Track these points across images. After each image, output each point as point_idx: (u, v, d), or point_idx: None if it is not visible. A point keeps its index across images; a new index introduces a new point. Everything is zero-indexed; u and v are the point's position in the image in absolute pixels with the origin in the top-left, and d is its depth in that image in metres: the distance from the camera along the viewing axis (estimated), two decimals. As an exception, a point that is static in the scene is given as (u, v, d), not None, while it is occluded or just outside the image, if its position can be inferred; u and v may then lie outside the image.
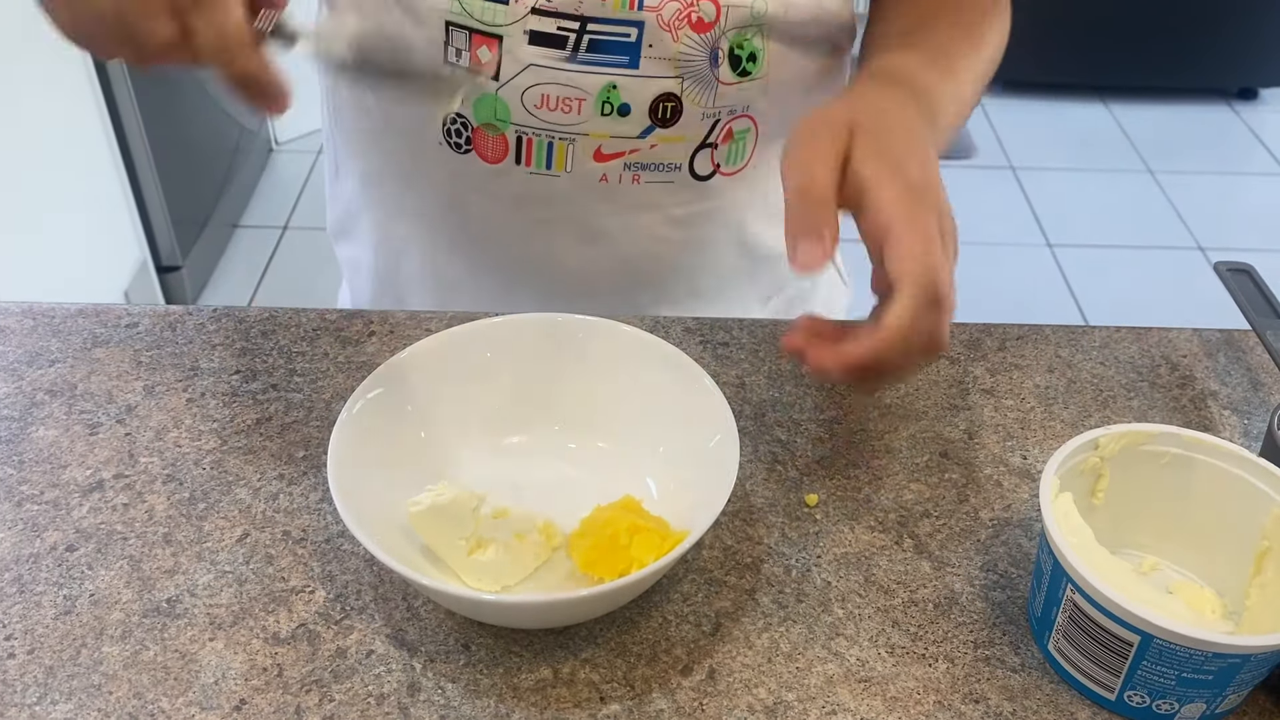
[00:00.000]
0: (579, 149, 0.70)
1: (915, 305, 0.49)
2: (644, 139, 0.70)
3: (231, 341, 0.69)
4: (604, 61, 0.67)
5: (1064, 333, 0.72)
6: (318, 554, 0.57)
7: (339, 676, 0.51)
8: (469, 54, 0.67)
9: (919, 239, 0.50)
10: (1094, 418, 0.66)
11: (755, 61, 0.69)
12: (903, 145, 0.54)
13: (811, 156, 0.53)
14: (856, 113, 0.55)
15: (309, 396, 0.66)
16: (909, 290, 0.49)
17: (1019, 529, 0.59)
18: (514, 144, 0.70)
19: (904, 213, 0.51)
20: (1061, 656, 0.51)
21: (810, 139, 0.54)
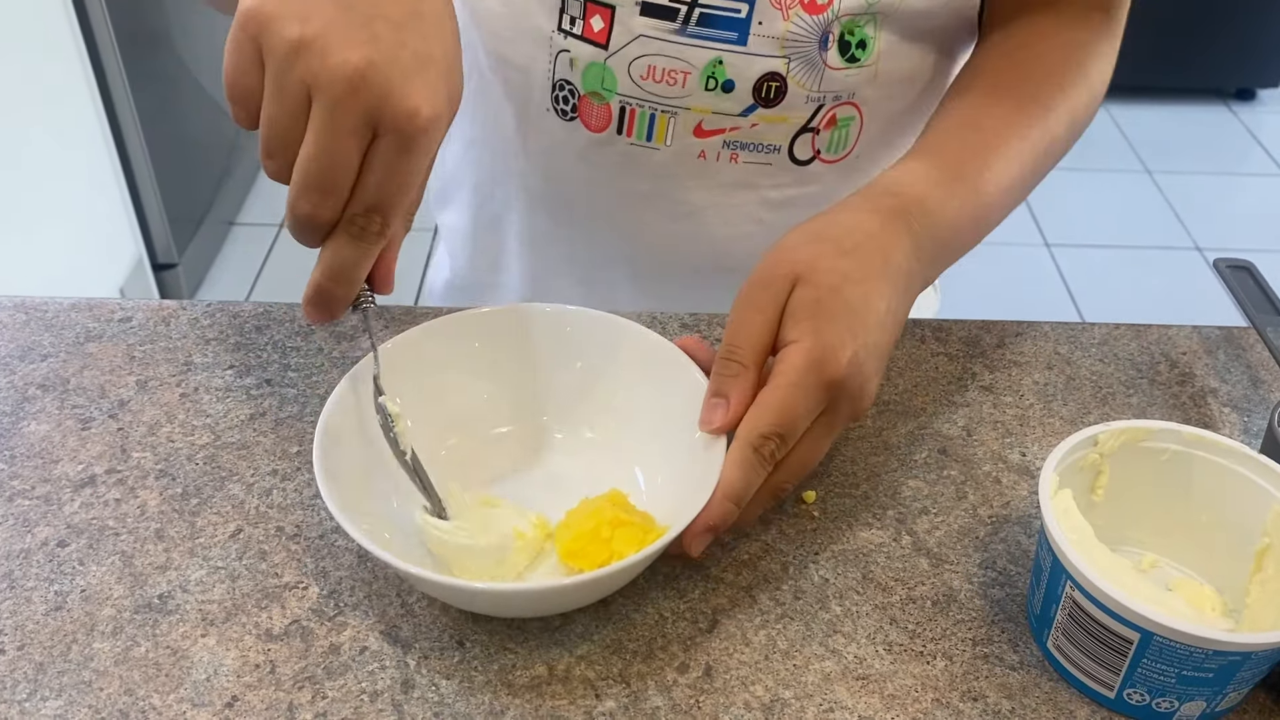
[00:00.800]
0: (680, 123, 0.70)
1: (735, 456, 0.52)
2: (745, 117, 0.70)
3: (225, 336, 0.69)
4: (712, 36, 0.67)
5: (1063, 330, 0.72)
6: (311, 550, 0.56)
7: (332, 673, 0.51)
8: (583, 22, 0.68)
9: (776, 402, 0.52)
10: (1093, 414, 0.66)
11: (865, 49, 0.69)
12: (841, 307, 0.53)
13: (748, 315, 0.55)
14: (811, 265, 0.54)
15: (303, 392, 0.65)
16: (736, 444, 0.52)
17: (1018, 526, 0.59)
18: (617, 114, 0.71)
19: (792, 379, 0.52)
20: (1060, 654, 0.51)
21: (757, 291, 0.55)
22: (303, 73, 0.46)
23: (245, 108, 0.48)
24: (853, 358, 0.52)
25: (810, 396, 0.52)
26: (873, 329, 0.54)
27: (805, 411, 0.52)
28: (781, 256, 0.55)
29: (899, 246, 0.57)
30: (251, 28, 0.47)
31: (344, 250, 0.51)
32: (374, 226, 0.50)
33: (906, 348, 0.71)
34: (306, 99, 0.47)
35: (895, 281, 0.56)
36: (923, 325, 0.72)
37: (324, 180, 0.48)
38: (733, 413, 0.53)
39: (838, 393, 0.52)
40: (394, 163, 0.48)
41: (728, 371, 0.54)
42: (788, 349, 0.53)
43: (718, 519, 0.51)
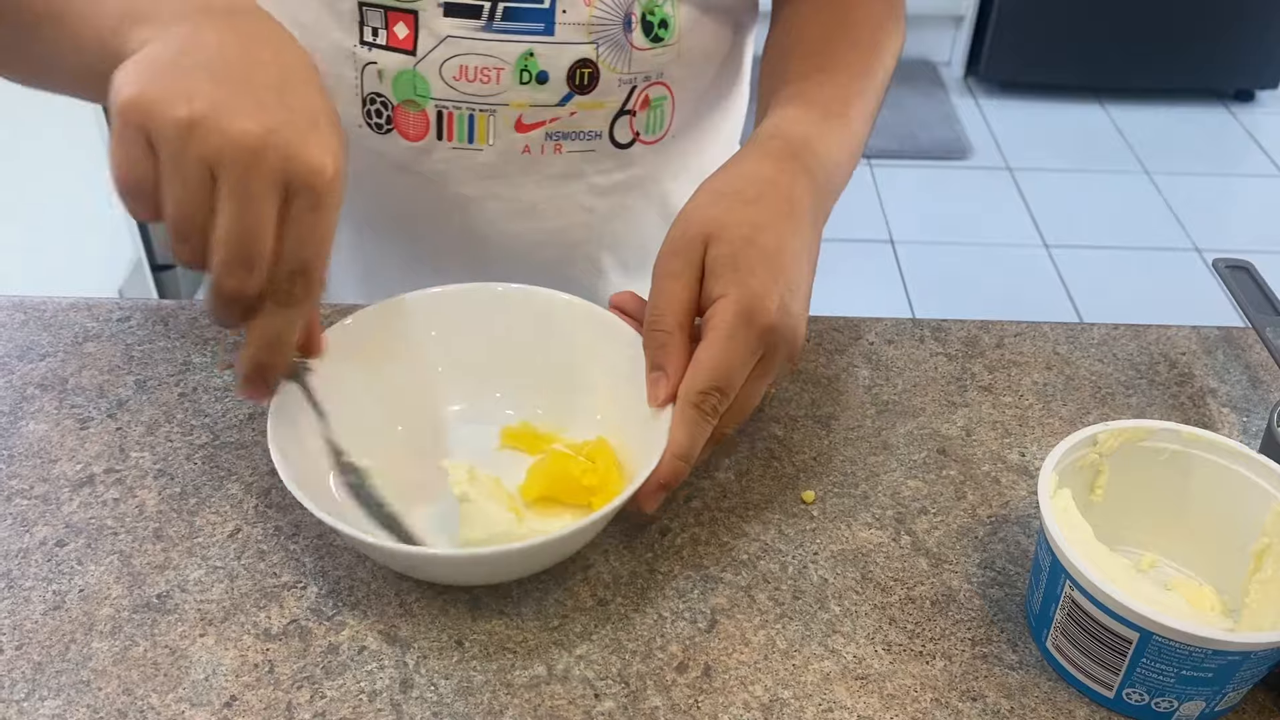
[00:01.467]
0: (500, 120, 0.70)
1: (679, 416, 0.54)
2: (563, 106, 0.71)
3: (224, 336, 0.69)
4: (519, 29, 0.68)
5: (1062, 330, 0.72)
6: (310, 549, 0.56)
7: (331, 673, 0.51)
8: (385, 32, 0.68)
9: (712, 358, 0.53)
10: (1092, 415, 0.66)
11: (667, 28, 0.71)
12: (758, 256, 0.55)
13: (666, 283, 0.56)
14: (719, 221, 0.56)
15: (302, 391, 0.65)
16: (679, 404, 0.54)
17: (1017, 526, 0.59)
18: (435, 120, 0.70)
19: (724, 332, 0.53)
20: (1060, 654, 0.51)
21: (670, 259, 0.56)
22: (201, 151, 0.45)
23: (141, 199, 0.47)
24: (780, 303, 0.54)
25: (744, 346, 0.53)
26: (791, 271, 0.55)
27: (741, 362, 0.54)
28: (689, 220, 0.57)
29: (798, 185, 0.59)
30: (135, 117, 0.45)
31: (274, 319, 0.50)
32: (300, 289, 0.49)
33: (906, 348, 0.71)
34: (209, 177, 0.46)
35: (802, 220, 0.58)
36: (923, 325, 0.72)
37: (246, 252, 0.47)
38: (672, 382, 0.55)
39: (772, 338, 0.54)
40: (310, 221, 0.48)
41: (656, 342, 0.56)
42: (715, 305, 0.54)
43: (669, 477, 0.53)
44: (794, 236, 0.57)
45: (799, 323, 0.56)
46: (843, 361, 0.69)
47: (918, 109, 3.06)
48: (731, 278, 0.54)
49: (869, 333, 0.72)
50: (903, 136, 2.93)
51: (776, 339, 0.54)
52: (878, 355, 0.70)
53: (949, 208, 2.71)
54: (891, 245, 2.55)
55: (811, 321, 0.72)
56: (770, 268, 0.55)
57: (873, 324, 0.72)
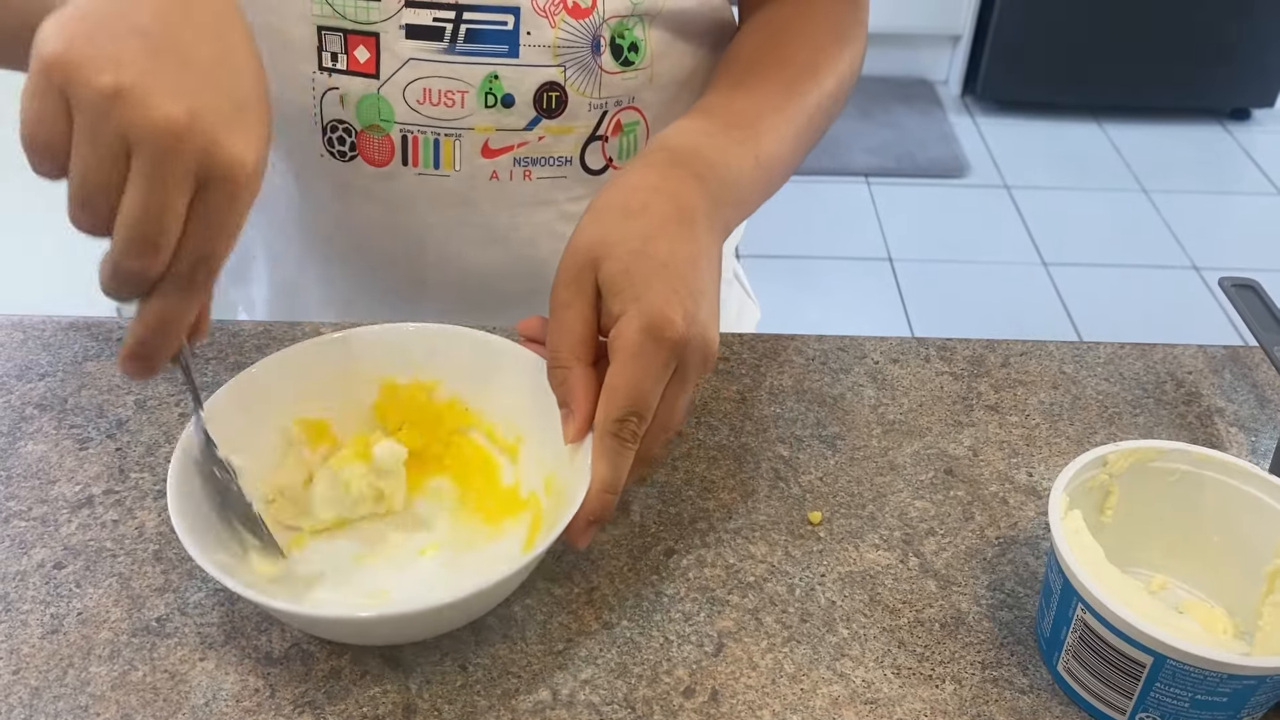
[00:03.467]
0: (466, 145, 0.70)
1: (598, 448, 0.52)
2: (531, 130, 0.70)
3: (225, 356, 0.68)
4: (483, 51, 0.67)
5: (1068, 349, 0.72)
6: (312, 572, 0.56)
7: (333, 697, 0.50)
8: (346, 56, 0.67)
9: (623, 382, 0.51)
10: (1099, 434, 0.65)
11: (638, 52, 0.70)
12: (652, 267, 0.53)
13: (558, 315, 0.54)
14: (605, 239, 0.54)
15: (303, 411, 0.64)
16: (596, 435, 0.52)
17: (1025, 547, 0.58)
18: (399, 144, 0.70)
19: (631, 352, 0.51)
20: (1071, 677, 0.50)
21: (560, 290, 0.54)
22: (120, 124, 0.43)
23: (49, 157, 0.45)
24: (685, 312, 0.51)
25: (655, 363, 0.51)
26: (690, 277, 0.53)
27: (654, 381, 0.51)
28: (575, 244, 0.55)
29: (687, 189, 0.57)
30: (56, 76, 0.43)
31: (171, 303, 0.48)
32: (201, 276, 0.48)
33: (911, 367, 0.70)
34: (124, 150, 0.44)
35: (694, 224, 0.55)
36: (928, 344, 0.72)
37: (151, 236, 0.45)
38: (580, 416, 0.53)
39: (682, 350, 0.51)
40: (221, 213, 0.46)
41: (557, 379, 0.54)
42: (617, 325, 0.52)
43: (598, 511, 0.52)
44: (688, 242, 0.54)
45: (708, 330, 0.53)
46: (848, 381, 0.69)
47: (915, 128, 3.07)
48: (628, 293, 0.52)
49: (873, 352, 0.71)
50: (900, 155, 2.94)
51: (687, 350, 0.52)
52: (883, 375, 0.70)
53: (947, 226, 2.71)
54: (890, 263, 2.55)
55: (815, 341, 0.72)
56: (667, 277, 0.52)
57: (877, 343, 0.72)
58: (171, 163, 0.44)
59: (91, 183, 0.44)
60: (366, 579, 0.55)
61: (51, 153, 0.44)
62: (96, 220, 0.45)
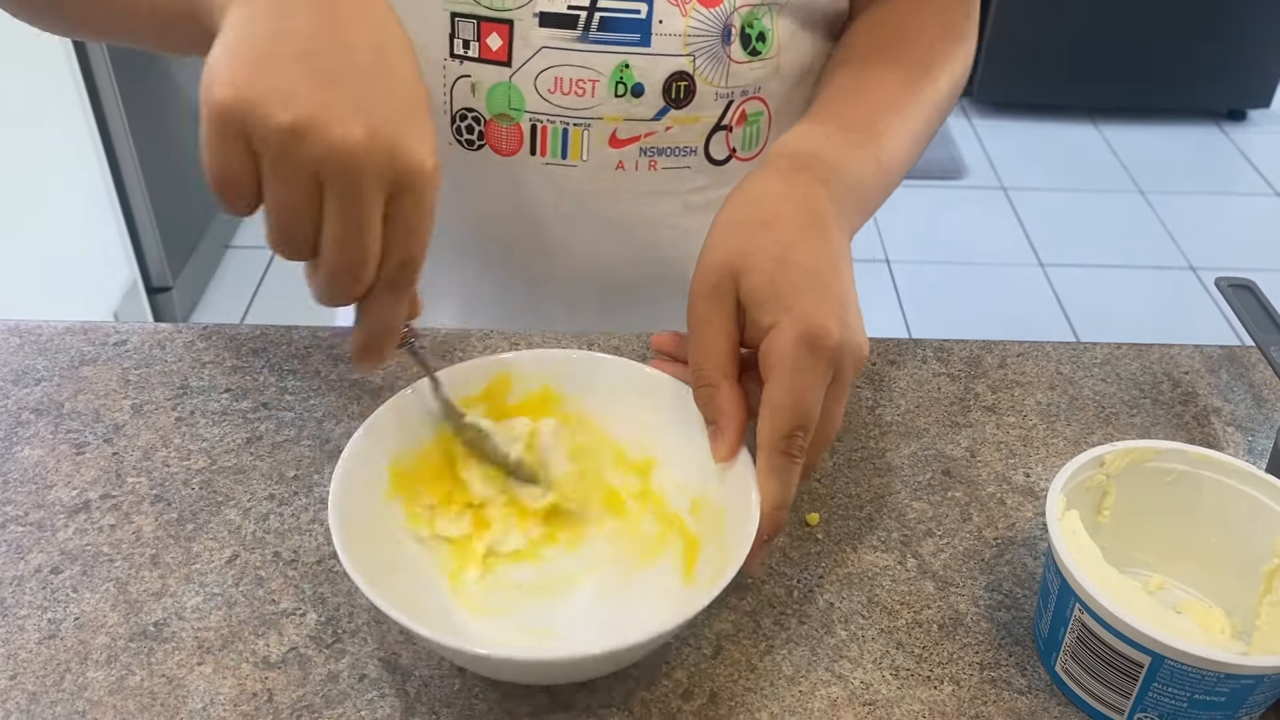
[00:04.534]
0: (594, 135, 0.70)
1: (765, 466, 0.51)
2: (659, 121, 0.70)
3: (221, 359, 0.68)
4: (615, 40, 0.67)
5: (1065, 349, 0.72)
6: (309, 576, 0.55)
7: (330, 702, 0.50)
8: (478, 44, 0.67)
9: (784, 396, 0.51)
10: (1096, 434, 0.65)
11: (765, 41, 0.70)
12: (797, 275, 0.52)
13: (701, 332, 0.54)
14: (743, 250, 0.54)
15: (300, 415, 0.64)
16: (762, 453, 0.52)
17: (1023, 548, 0.58)
18: (529, 134, 0.70)
19: (789, 365, 0.51)
20: (1069, 677, 0.50)
21: (700, 304, 0.54)
22: (305, 158, 0.44)
23: (240, 199, 0.46)
24: (838, 318, 0.51)
25: (814, 375, 0.51)
26: (835, 282, 0.53)
27: (815, 392, 0.51)
28: (709, 261, 0.55)
29: (814, 195, 0.57)
30: (233, 121, 0.44)
31: (384, 305, 0.50)
32: (408, 278, 0.50)
33: (908, 368, 0.70)
34: (315, 180, 0.45)
35: (827, 227, 0.56)
36: (924, 345, 0.72)
37: (357, 258, 0.47)
38: (730, 434, 0.53)
39: (838, 358, 0.51)
40: (415, 215, 0.48)
41: (704, 398, 0.54)
42: (770, 338, 0.51)
43: (773, 531, 0.52)
44: (824, 245, 0.54)
45: (859, 333, 0.53)
46: (845, 382, 0.69)
47: (912, 129, 3.06)
48: (777, 304, 0.51)
49: (870, 353, 0.71)
50: (897, 156, 2.93)
51: (843, 356, 0.51)
52: (880, 375, 0.70)
53: (944, 227, 2.71)
54: (887, 265, 2.55)
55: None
56: (813, 284, 0.52)
57: (874, 344, 0.72)
58: (362, 183, 0.45)
59: (289, 218, 0.46)
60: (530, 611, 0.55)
61: (242, 195, 0.46)
62: (300, 251, 0.47)
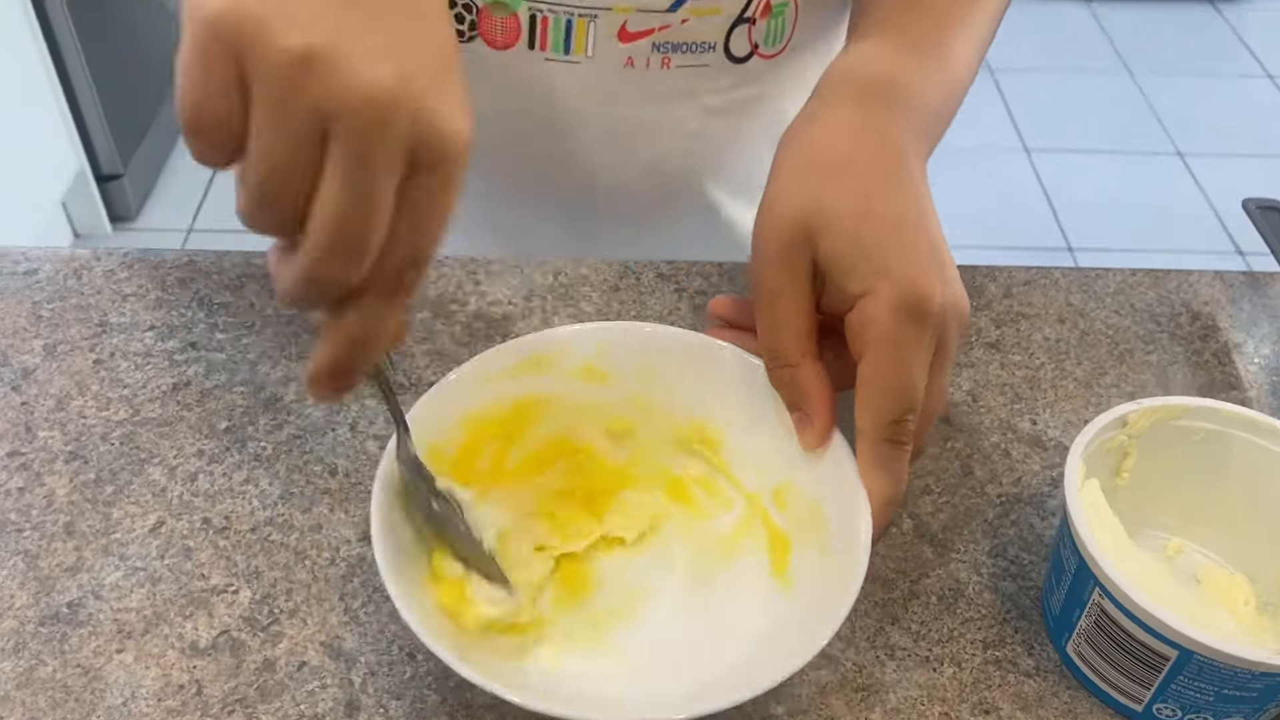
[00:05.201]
0: (601, 26, 0.61)
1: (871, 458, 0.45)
2: (674, 13, 0.61)
3: (145, 291, 0.61)
4: None
5: (1075, 277, 0.66)
6: (242, 545, 0.50)
7: (266, 694, 0.45)
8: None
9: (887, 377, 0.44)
10: (1109, 375, 0.60)
11: None
12: (886, 231, 0.45)
13: (773, 305, 0.47)
14: (818, 203, 0.45)
15: (233, 357, 0.58)
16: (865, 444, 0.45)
17: (1030, 506, 0.53)
18: (527, 24, 0.61)
19: (890, 338, 0.44)
20: (1082, 661, 0.46)
21: (769, 270, 0.46)
22: (314, 97, 0.33)
23: (218, 142, 0.35)
24: (938, 277, 0.44)
25: (919, 348, 0.44)
26: (926, 234, 0.45)
27: (920, 369, 0.44)
28: (776, 217, 0.46)
29: (890, 127, 0.49)
30: (227, 39, 0.33)
31: (373, 312, 0.38)
32: (410, 280, 0.38)
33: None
34: (319, 129, 0.34)
35: (908, 166, 0.48)
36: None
37: (357, 237, 0.35)
38: (819, 420, 0.47)
39: (941, 322, 0.44)
40: (435, 199, 0.36)
41: (783, 381, 0.47)
42: (862, 308, 0.44)
43: (885, 528, 0.45)
44: (909, 190, 0.47)
45: (961, 291, 0.45)
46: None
47: (897, 6, 2.94)
48: (867, 268, 0.44)
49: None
50: (882, 35, 2.82)
51: (948, 322, 0.44)
52: (874, 307, 0.64)
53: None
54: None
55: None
56: (906, 240, 0.45)
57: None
58: (381, 141, 0.34)
59: (278, 173, 0.34)
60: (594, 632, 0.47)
61: (221, 136, 0.35)
62: (282, 220, 0.36)
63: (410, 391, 0.56)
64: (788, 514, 0.49)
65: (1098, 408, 0.58)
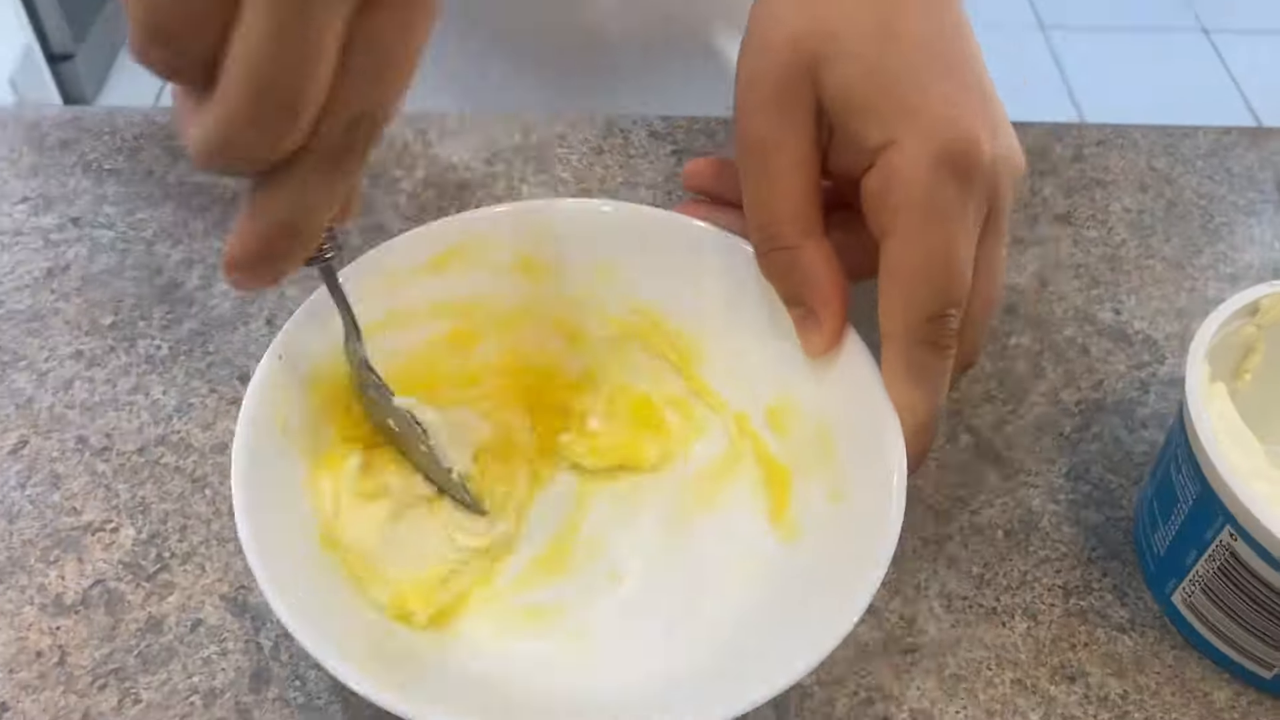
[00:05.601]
0: None
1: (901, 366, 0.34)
2: None
3: (17, 155, 0.50)
4: None
5: (1158, 136, 0.54)
6: (126, 471, 0.39)
7: (149, 663, 0.35)
8: None
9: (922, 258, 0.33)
10: (1204, 253, 0.49)
11: None
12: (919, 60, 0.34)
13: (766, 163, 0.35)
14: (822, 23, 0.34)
15: (124, 235, 0.47)
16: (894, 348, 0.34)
17: (1116, 416, 0.43)
18: None
19: (925, 204, 0.32)
20: (1194, 614, 0.36)
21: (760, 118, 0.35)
22: None
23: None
24: (983, 119, 0.33)
25: (961, 213, 0.33)
26: (966, 63, 0.35)
27: (965, 240, 0.33)
28: (771, 43, 0.35)
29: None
30: None
31: (311, 185, 0.29)
32: (361, 143, 0.29)
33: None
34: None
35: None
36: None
37: (290, 89, 0.26)
38: (830, 318, 0.35)
39: (991, 180, 0.33)
40: (393, 42, 0.27)
41: (780, 265, 0.36)
42: (882, 164, 0.33)
43: (917, 460, 0.35)
44: (942, 8, 0.35)
45: (1013, 138, 0.35)
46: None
47: None
48: (889, 108, 0.33)
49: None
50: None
51: (999, 180, 0.34)
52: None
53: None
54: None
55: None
56: (939, 70, 0.34)
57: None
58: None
59: None
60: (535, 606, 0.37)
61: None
62: (185, 57, 0.26)
63: (343, 276, 0.45)
64: (787, 443, 0.38)
65: (1191, 293, 0.47)
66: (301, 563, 0.32)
